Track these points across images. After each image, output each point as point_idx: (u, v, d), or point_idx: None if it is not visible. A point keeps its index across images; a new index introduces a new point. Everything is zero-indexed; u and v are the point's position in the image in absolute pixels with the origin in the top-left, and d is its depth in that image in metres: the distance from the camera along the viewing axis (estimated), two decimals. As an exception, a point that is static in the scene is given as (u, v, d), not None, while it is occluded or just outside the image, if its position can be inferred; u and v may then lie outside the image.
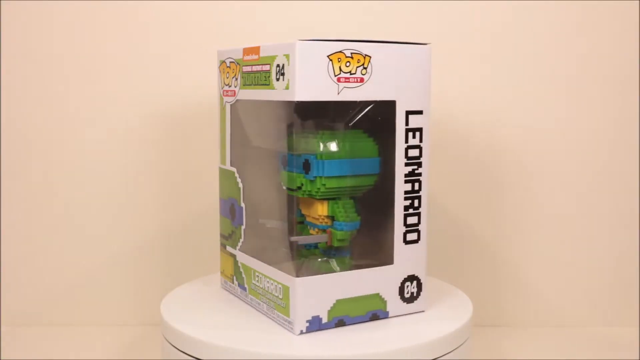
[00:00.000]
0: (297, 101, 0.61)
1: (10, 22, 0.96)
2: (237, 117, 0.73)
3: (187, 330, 0.65)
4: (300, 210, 0.70)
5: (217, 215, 0.80)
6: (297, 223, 0.70)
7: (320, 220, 0.68)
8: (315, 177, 0.66)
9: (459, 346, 0.67)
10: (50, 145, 0.99)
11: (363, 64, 0.63)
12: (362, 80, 0.63)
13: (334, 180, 0.67)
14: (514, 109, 0.99)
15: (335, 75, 0.62)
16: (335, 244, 0.68)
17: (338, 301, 0.65)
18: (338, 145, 0.67)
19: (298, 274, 0.64)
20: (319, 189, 0.66)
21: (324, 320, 0.65)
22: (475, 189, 1.00)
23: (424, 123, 0.67)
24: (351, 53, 0.63)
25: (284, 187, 0.69)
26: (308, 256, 0.69)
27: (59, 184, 1.00)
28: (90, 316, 1.02)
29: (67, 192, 1.00)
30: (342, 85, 0.63)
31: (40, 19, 0.97)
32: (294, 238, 0.67)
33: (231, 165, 0.74)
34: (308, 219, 0.70)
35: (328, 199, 0.68)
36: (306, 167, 0.67)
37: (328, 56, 0.62)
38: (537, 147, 0.99)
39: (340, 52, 0.62)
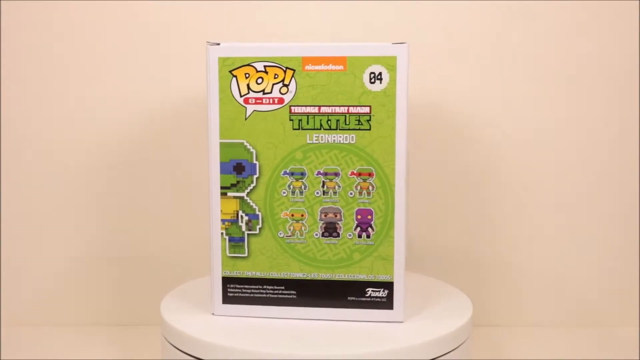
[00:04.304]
0: None
1: (10, 22, 0.97)
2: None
3: (187, 330, 0.65)
4: None
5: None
6: None
7: None
8: None
9: (459, 346, 0.67)
10: (49, 145, 0.99)
11: None
12: None
13: None
14: (514, 108, 0.99)
15: None
16: None
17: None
18: None
19: None
20: None
21: None
22: (474, 188, 1.00)
23: None
24: None
25: None
26: None
27: (59, 183, 0.99)
28: (90, 316, 1.02)
29: (66, 192, 1.00)
30: None
31: (40, 19, 0.97)
32: None
33: None
34: None
35: None
36: None
37: None
38: (537, 147, 0.99)
39: None
